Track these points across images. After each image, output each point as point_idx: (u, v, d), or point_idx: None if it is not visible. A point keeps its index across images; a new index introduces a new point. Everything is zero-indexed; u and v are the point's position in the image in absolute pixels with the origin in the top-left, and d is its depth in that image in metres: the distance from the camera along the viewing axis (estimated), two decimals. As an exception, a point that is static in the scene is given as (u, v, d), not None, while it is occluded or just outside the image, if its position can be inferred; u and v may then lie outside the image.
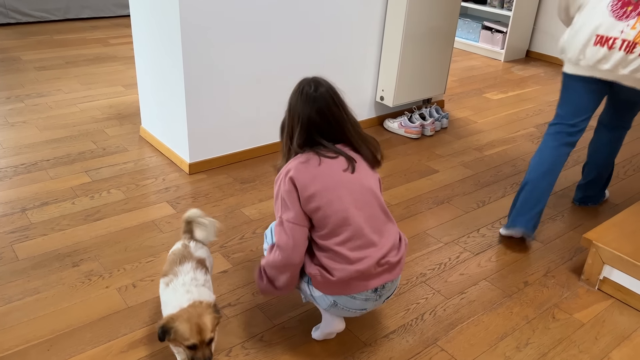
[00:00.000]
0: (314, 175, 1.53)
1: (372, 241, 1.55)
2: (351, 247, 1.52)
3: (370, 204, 1.58)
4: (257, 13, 2.67)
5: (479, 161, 3.13)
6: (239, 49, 2.68)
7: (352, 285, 1.54)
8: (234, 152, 2.90)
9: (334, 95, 1.62)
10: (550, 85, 4.57)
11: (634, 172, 3.09)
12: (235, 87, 2.76)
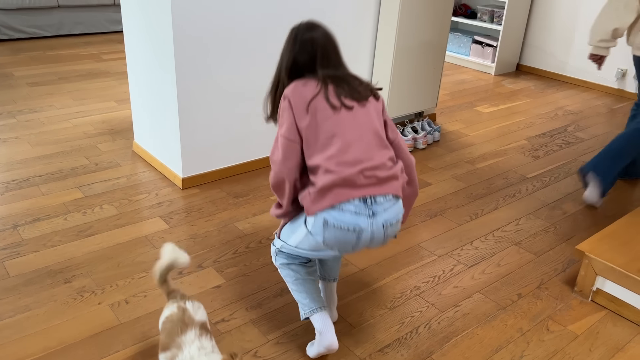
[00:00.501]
0: (309, 93, 1.57)
1: (359, 159, 1.53)
2: (336, 162, 1.52)
3: (362, 127, 1.58)
4: (252, 28, 2.69)
5: (471, 174, 3.15)
6: (233, 64, 2.70)
7: (336, 192, 1.51)
8: (227, 166, 2.90)
9: (328, 39, 1.66)
10: (540, 98, 4.62)
11: (624, 184, 3.12)
12: (229, 102, 2.77)
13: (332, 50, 1.65)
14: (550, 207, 2.82)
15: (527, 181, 3.09)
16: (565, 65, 5.11)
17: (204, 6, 2.49)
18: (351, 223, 1.51)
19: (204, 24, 2.52)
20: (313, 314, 1.69)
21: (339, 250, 1.59)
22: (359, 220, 1.51)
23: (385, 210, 1.55)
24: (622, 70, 4.71)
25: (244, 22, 2.66)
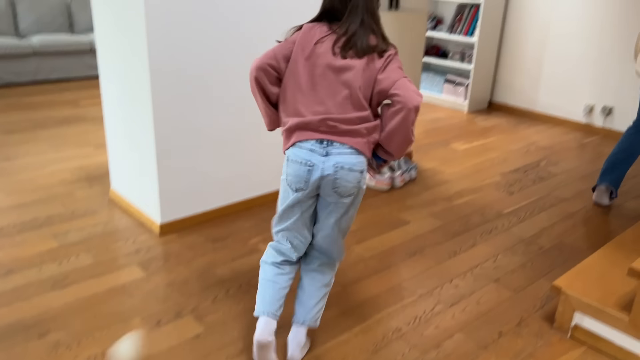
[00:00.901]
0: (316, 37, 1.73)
1: (328, 111, 1.69)
2: (306, 109, 1.70)
3: (344, 84, 1.70)
4: (230, 72, 2.74)
5: (448, 211, 3.19)
6: (212, 107, 2.73)
7: (298, 133, 1.71)
8: (206, 210, 2.89)
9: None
10: (513, 134, 4.74)
11: (597, 218, 3.19)
12: (208, 146, 2.78)
13: (363, 6, 1.72)
14: (526, 242, 2.86)
15: (503, 217, 3.15)
16: (535, 102, 5.27)
17: (181, 49, 2.53)
18: (305, 157, 1.70)
19: (182, 67, 2.56)
20: (258, 315, 1.83)
21: (296, 187, 1.74)
22: (312, 157, 1.70)
23: (340, 154, 1.70)
24: (590, 106, 4.88)
25: (223, 65, 2.70)
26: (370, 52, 1.71)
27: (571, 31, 4.87)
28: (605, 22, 4.64)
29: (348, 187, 1.73)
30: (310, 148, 1.70)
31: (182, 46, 2.53)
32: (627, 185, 3.68)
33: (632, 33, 4.50)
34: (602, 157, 4.25)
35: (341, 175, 1.70)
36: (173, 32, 2.47)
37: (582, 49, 4.83)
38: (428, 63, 5.98)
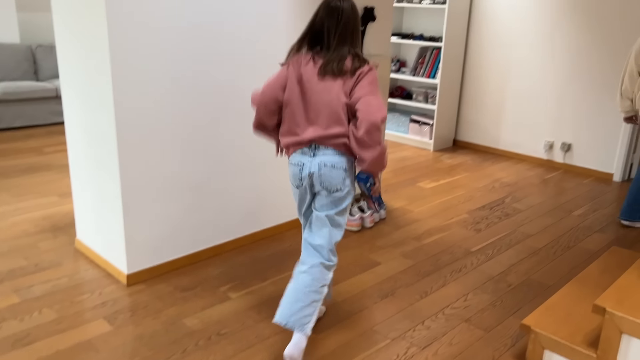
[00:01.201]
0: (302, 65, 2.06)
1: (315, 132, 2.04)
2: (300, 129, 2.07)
3: (326, 104, 2.01)
4: (197, 118, 2.75)
5: (418, 250, 3.22)
6: (178, 154, 2.73)
7: (293, 147, 2.11)
8: (174, 258, 2.85)
9: (340, 13, 2.02)
10: (478, 171, 4.86)
11: (562, 252, 3.27)
12: (175, 192, 2.77)
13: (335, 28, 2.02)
14: (495, 280, 2.90)
15: (471, 255, 3.19)
16: (497, 139, 5.44)
17: (148, 95, 2.54)
18: (298, 160, 2.10)
19: (148, 113, 2.56)
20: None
21: (295, 184, 2.14)
22: (303, 158, 2.09)
23: (324, 155, 2.05)
24: (550, 142, 5.06)
25: (188, 113, 2.72)
26: (345, 73, 2.00)
27: (529, 72, 5.09)
28: (560, 64, 4.87)
29: (333, 183, 2.06)
30: (301, 152, 2.10)
31: (148, 92, 2.54)
32: (589, 220, 3.80)
33: (585, 74, 4.73)
34: (564, 192, 4.38)
35: (325, 172, 2.05)
36: (139, 78, 2.49)
37: (540, 89, 5.04)
38: (393, 104, 6.13)
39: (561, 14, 4.79)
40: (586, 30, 4.67)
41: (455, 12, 5.19)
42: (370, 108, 1.92)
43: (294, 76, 2.06)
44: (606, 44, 4.58)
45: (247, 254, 3.09)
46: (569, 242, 3.42)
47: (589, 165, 4.88)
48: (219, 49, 2.76)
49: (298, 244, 3.23)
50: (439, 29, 5.57)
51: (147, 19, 2.44)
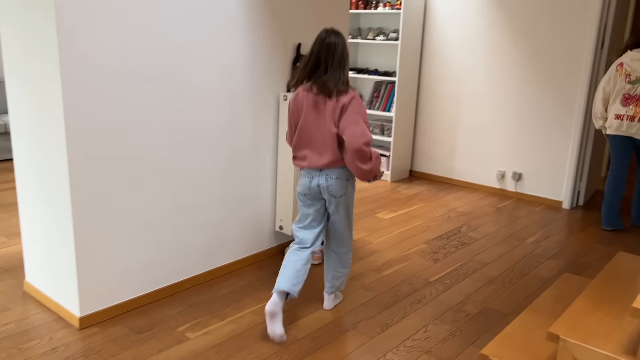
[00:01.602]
0: (304, 99, 2.57)
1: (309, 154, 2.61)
2: (306, 158, 2.62)
3: (321, 133, 2.55)
4: (150, 152, 2.72)
5: (379, 282, 3.24)
6: (133, 190, 2.68)
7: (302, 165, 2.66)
8: (130, 299, 2.77)
9: (335, 46, 2.52)
10: (434, 201, 4.96)
11: (517, 280, 3.36)
12: (130, 230, 2.70)
13: (332, 58, 2.52)
14: (454, 310, 2.95)
15: (430, 285, 3.23)
16: (452, 170, 5.59)
17: (100, 133, 2.50)
18: (308, 172, 2.65)
19: (100, 153, 2.51)
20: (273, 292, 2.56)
21: (303, 192, 2.67)
22: (312, 173, 2.64)
23: (329, 170, 2.61)
24: (501, 172, 5.24)
25: (142, 149, 2.68)
26: (332, 95, 2.50)
27: (479, 104, 5.29)
28: (508, 97, 5.09)
29: (336, 190, 2.63)
30: (308, 170, 2.65)
31: (101, 130, 2.50)
32: (541, 247, 3.92)
33: (532, 106, 4.96)
34: (517, 220, 4.52)
35: (331, 184, 2.61)
36: (92, 115, 2.45)
37: (490, 120, 5.24)
38: (351, 136, 6.21)
39: (508, 49, 5.03)
40: (532, 64, 4.92)
41: (408, 47, 5.38)
42: (353, 138, 2.45)
43: (297, 111, 2.60)
44: (550, 77, 4.83)
45: (205, 291, 3.03)
46: (523, 269, 3.52)
47: (539, 193, 5.07)
48: (177, 93, 2.76)
49: (257, 280, 3.20)
50: (392, 64, 5.75)
51: (103, 60, 2.42)
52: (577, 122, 4.73)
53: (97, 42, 2.40)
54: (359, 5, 5.65)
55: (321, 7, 3.51)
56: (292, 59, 3.39)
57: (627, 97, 4.03)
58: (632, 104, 4.02)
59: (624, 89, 4.03)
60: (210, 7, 2.85)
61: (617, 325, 2.08)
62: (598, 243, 4.05)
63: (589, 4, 4.53)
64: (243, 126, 3.18)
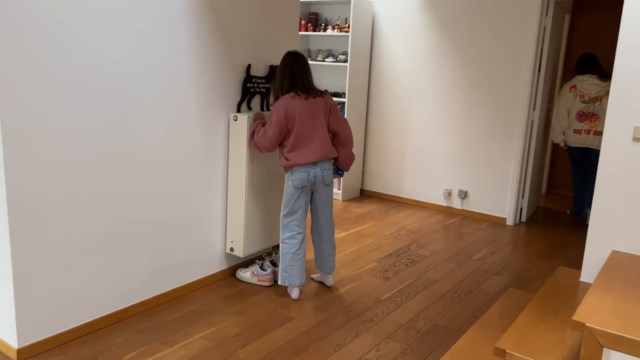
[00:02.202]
0: (295, 103, 3.03)
1: (315, 152, 3.10)
2: (303, 151, 3.08)
3: (318, 129, 3.10)
4: (92, 174, 2.64)
5: (331, 302, 3.24)
6: (75, 216, 2.58)
7: (297, 161, 3.08)
8: (73, 327, 2.65)
9: (305, 61, 3.14)
10: (384, 219, 5.04)
11: (465, 296, 3.44)
12: (72, 257, 2.60)
13: (307, 71, 3.13)
14: (405, 327, 2.98)
15: (381, 303, 3.26)
16: (401, 188, 5.70)
17: (39, 155, 2.40)
18: (304, 168, 3.09)
19: (39, 175, 2.42)
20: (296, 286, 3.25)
21: (301, 186, 3.11)
22: (307, 167, 3.09)
23: (323, 163, 3.15)
24: (448, 190, 5.39)
25: (85, 173, 2.60)
26: (318, 96, 3.11)
27: (426, 124, 5.44)
28: (453, 117, 5.27)
29: (329, 179, 3.22)
30: (306, 166, 3.10)
31: (41, 152, 2.41)
32: (487, 263, 4.04)
33: (476, 126, 5.15)
34: (464, 237, 4.65)
35: (325, 174, 3.17)
36: (31, 136, 2.36)
37: (436, 140, 5.40)
38: (302, 155, 6.25)
39: (453, 72, 5.22)
40: (475, 86, 5.12)
41: (357, 69, 5.49)
42: (349, 132, 3.26)
43: (291, 112, 3.00)
44: (493, 99, 5.04)
45: (153, 317, 2.94)
46: (471, 285, 3.61)
47: (484, 210, 5.24)
48: (120, 112, 2.70)
49: (207, 304, 3.13)
50: (342, 84, 5.84)
51: (42, 79, 2.34)
52: (518, 142, 4.94)
53: (37, 60, 2.32)
54: (308, 27, 5.74)
55: (271, 29, 3.55)
56: (243, 80, 3.40)
57: (581, 114, 4.79)
58: (587, 120, 4.76)
59: (579, 108, 4.79)
60: (156, 26, 2.82)
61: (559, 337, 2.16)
62: (540, 258, 4.22)
63: (527, 31, 4.77)
64: (191, 146, 3.14)
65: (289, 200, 3.14)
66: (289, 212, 3.16)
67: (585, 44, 6.06)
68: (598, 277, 2.29)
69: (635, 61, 2.65)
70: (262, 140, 3.06)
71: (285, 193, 3.17)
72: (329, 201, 3.29)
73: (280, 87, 3.10)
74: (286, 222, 3.18)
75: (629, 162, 2.71)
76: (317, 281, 3.52)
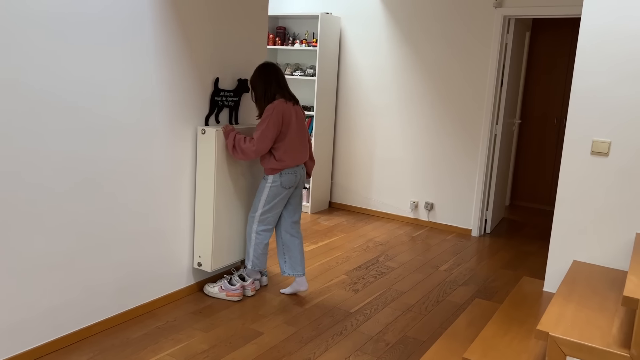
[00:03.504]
0: (287, 110, 3.23)
1: (299, 151, 3.33)
2: (290, 154, 3.28)
3: (302, 134, 3.35)
4: (54, 188, 2.57)
5: (301, 316, 3.23)
6: (35, 231, 2.51)
7: (287, 165, 3.28)
8: (33, 347, 2.56)
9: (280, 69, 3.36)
10: (353, 232, 5.06)
11: (433, 307, 3.48)
12: (32, 273, 2.52)
13: (283, 77, 3.32)
14: (374, 340, 2.99)
15: (351, 316, 3.27)
16: (368, 201, 5.75)
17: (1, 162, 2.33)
18: (293, 170, 3.33)
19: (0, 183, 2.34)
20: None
21: (289, 186, 3.32)
22: (295, 169, 3.33)
23: (303, 168, 3.44)
24: (415, 202, 5.46)
25: (45, 187, 2.54)
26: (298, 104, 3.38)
27: (392, 138, 5.52)
28: (418, 131, 5.36)
29: (305, 179, 3.50)
30: (294, 169, 3.34)
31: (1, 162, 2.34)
32: (454, 274, 4.11)
33: (440, 139, 5.25)
34: (431, 248, 4.71)
35: (303, 175, 3.44)
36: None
37: (402, 153, 5.48)
38: (270, 168, 6.25)
39: (418, 86, 5.32)
40: (440, 100, 5.23)
41: (324, 83, 5.53)
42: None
43: (287, 116, 3.20)
44: (457, 113, 5.15)
45: (117, 335, 2.87)
46: (438, 296, 3.66)
47: (450, 222, 5.33)
48: (83, 126, 2.66)
49: (175, 320, 3.08)
50: (310, 98, 5.88)
51: (4, 92, 2.28)
52: (482, 154, 5.06)
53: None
54: (276, 41, 5.77)
55: (239, 42, 3.55)
56: (211, 93, 3.38)
57: None
58: None
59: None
60: (121, 40, 2.79)
61: (524, 347, 2.21)
62: (505, 268, 4.31)
63: (489, 48, 4.92)
64: (157, 160, 3.10)
65: (272, 198, 3.30)
66: (270, 209, 3.32)
67: (544, 60, 6.28)
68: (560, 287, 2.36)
69: (591, 77, 2.77)
70: (261, 144, 3.14)
71: (267, 192, 3.29)
72: (302, 198, 3.56)
73: (264, 95, 3.24)
74: (264, 217, 3.34)
75: (588, 175, 2.81)
76: (290, 293, 3.53)
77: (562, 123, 6.31)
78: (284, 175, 3.27)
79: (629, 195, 2.70)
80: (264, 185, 3.31)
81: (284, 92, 3.26)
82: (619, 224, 2.74)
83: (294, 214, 3.49)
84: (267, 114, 3.15)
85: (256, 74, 3.28)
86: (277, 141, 3.22)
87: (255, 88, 3.29)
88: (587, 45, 2.76)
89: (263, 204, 3.32)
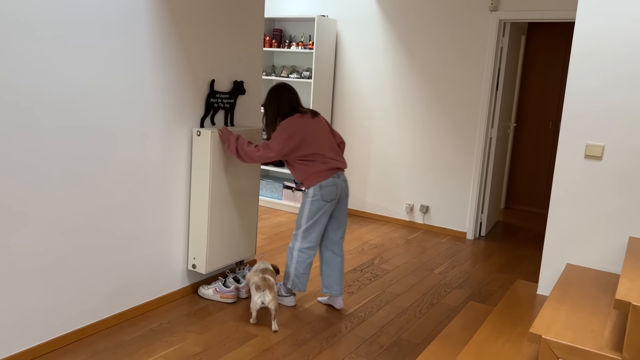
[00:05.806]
0: (303, 123, 3.17)
1: (329, 156, 3.22)
2: (321, 159, 3.20)
3: (326, 137, 3.26)
4: (47, 189, 2.57)
5: (295, 318, 3.23)
6: (26, 233, 2.50)
7: (324, 174, 3.19)
8: (26, 349, 2.55)
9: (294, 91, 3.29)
10: (348, 234, 5.06)
11: (427, 310, 3.48)
12: (25, 274, 2.51)
13: (297, 96, 3.29)
14: (368, 342, 2.99)
15: (345, 319, 3.27)
16: (364, 203, 5.76)
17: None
18: (332, 182, 3.20)
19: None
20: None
21: (330, 199, 3.19)
22: (335, 181, 3.21)
23: (342, 174, 3.29)
24: (410, 205, 5.47)
25: (40, 184, 2.53)
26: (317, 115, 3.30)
27: (388, 141, 5.53)
28: (414, 134, 5.38)
29: (347, 189, 3.36)
30: (335, 175, 3.23)
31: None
32: (448, 277, 4.11)
33: (437, 143, 5.26)
34: (426, 251, 4.72)
35: (345, 186, 3.32)
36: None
37: (399, 156, 5.49)
38: (267, 171, 6.25)
39: (414, 90, 5.33)
40: (436, 103, 5.24)
41: (321, 85, 5.54)
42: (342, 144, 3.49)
43: (302, 130, 3.14)
44: (453, 117, 5.17)
45: (111, 337, 2.86)
46: (432, 299, 3.66)
47: (446, 225, 5.33)
48: (78, 127, 2.65)
49: (168, 323, 3.07)
50: (306, 100, 5.88)
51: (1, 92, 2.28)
52: (477, 158, 5.08)
53: (-7, 74, 2.26)
54: (272, 43, 5.77)
55: (236, 45, 3.55)
56: (206, 95, 3.38)
57: None
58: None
59: None
60: (117, 42, 2.79)
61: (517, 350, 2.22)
62: (499, 271, 4.32)
63: (485, 51, 4.93)
64: (152, 162, 3.10)
65: (314, 213, 3.19)
66: (313, 224, 3.21)
67: (540, 64, 6.31)
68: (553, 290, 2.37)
69: (586, 81, 2.78)
70: (267, 151, 3.11)
71: (309, 206, 3.19)
72: (346, 212, 3.39)
73: (275, 119, 3.20)
74: (307, 233, 3.23)
75: (582, 178, 2.83)
76: (325, 304, 3.47)
77: (557, 127, 6.33)
78: (324, 188, 3.16)
79: (623, 198, 2.71)
80: (305, 200, 3.21)
81: (294, 110, 3.21)
82: (612, 227, 2.75)
83: (338, 229, 3.35)
84: (282, 126, 3.13)
85: (267, 97, 3.25)
86: (303, 153, 3.15)
87: (266, 111, 3.25)
88: (581, 50, 2.77)
89: (306, 220, 3.21)
